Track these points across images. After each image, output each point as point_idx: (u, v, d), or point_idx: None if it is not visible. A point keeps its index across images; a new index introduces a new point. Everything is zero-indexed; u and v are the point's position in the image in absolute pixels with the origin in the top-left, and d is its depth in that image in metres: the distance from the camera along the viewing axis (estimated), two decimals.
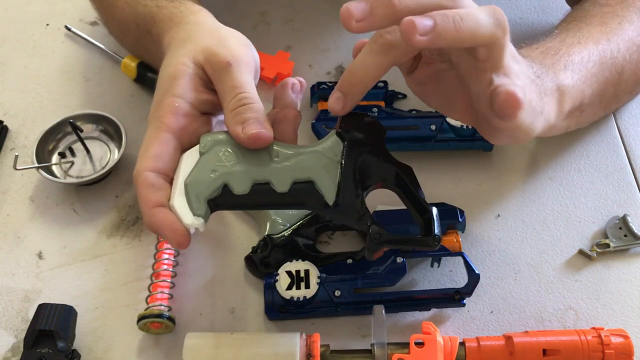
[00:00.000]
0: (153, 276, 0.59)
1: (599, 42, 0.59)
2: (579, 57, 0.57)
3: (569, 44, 0.58)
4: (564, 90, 0.54)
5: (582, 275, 0.60)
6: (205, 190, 0.48)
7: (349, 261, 0.59)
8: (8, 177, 0.67)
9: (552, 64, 0.55)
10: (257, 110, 0.50)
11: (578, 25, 0.61)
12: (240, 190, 0.49)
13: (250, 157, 0.49)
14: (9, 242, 0.63)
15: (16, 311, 0.59)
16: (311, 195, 0.49)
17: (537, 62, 0.54)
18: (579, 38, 0.59)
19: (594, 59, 0.58)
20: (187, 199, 0.48)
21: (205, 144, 0.50)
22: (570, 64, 0.56)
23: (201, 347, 0.53)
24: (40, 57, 0.77)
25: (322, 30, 0.79)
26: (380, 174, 0.50)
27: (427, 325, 0.52)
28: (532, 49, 0.57)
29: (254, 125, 0.49)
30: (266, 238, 0.60)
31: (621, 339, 0.53)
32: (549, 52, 0.56)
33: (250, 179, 0.49)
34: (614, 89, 0.61)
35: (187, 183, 0.49)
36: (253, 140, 0.49)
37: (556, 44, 0.57)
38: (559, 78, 0.54)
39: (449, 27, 0.42)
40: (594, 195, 0.65)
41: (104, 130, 0.69)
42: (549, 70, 0.54)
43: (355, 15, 0.43)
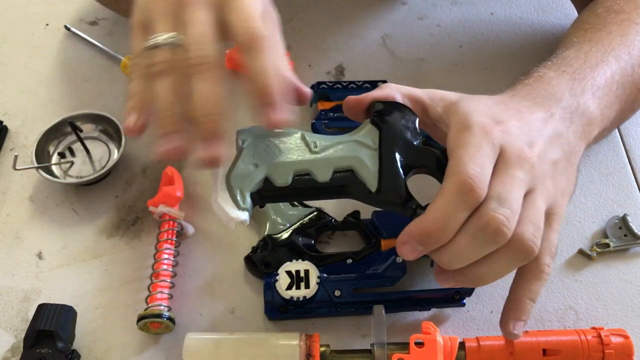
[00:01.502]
0: (153, 276, 0.59)
1: (620, 58, 0.59)
2: (604, 79, 0.57)
3: (594, 64, 0.57)
4: (593, 122, 0.55)
5: (582, 275, 0.60)
6: (248, 183, 0.48)
7: (349, 261, 0.59)
8: (8, 177, 0.67)
9: (581, 91, 0.55)
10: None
11: (598, 35, 0.60)
12: (282, 182, 0.49)
13: (290, 149, 0.50)
14: (8, 242, 0.63)
15: (16, 311, 0.59)
16: (353, 184, 0.49)
17: (568, 93, 0.54)
18: (602, 54, 0.58)
19: (617, 78, 0.58)
20: (231, 193, 0.48)
21: (244, 138, 0.50)
22: (597, 90, 0.56)
23: (201, 347, 0.53)
24: (40, 57, 0.77)
25: (322, 30, 0.79)
26: (420, 159, 0.50)
27: (427, 325, 0.52)
28: (561, 74, 0.56)
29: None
30: (266, 238, 0.60)
31: (621, 339, 0.53)
32: (577, 79, 0.56)
33: (291, 170, 0.49)
34: (632, 105, 0.61)
35: (230, 177, 0.49)
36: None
37: (581, 65, 0.57)
38: (589, 110, 0.54)
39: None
40: (594, 195, 0.65)
41: (103, 130, 0.69)
42: (579, 103, 0.54)
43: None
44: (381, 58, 0.76)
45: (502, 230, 0.45)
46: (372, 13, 0.81)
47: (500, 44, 0.77)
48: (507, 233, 0.45)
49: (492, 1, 0.82)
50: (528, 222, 0.47)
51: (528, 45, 0.77)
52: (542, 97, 0.54)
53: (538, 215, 0.48)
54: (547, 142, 0.51)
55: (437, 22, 0.80)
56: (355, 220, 0.62)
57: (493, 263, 0.47)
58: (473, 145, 0.47)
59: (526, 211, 0.47)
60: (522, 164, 0.48)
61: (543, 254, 0.49)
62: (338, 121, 0.67)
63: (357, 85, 0.70)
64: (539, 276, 0.49)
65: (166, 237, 0.61)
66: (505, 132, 0.49)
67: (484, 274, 0.48)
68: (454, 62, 0.76)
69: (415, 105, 0.53)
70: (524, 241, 0.46)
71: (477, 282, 0.49)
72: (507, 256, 0.47)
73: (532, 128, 0.51)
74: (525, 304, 0.50)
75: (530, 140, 0.50)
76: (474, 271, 0.48)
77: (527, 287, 0.49)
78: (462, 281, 0.49)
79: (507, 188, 0.47)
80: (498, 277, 0.48)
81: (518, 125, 0.50)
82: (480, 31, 0.79)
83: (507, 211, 0.45)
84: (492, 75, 0.75)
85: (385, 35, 0.79)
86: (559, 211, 0.50)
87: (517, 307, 0.50)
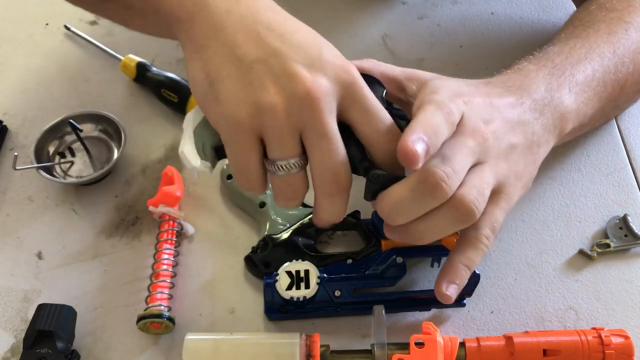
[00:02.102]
0: (153, 276, 0.59)
1: (604, 56, 0.59)
2: (583, 76, 0.57)
3: (576, 61, 0.58)
4: (567, 117, 0.56)
5: (583, 275, 0.60)
6: (211, 137, 0.50)
7: (349, 261, 0.59)
8: (7, 177, 0.67)
9: (557, 86, 0.56)
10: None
11: (586, 32, 0.61)
12: None
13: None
14: (8, 242, 0.63)
15: (15, 311, 0.59)
16: None
17: (543, 87, 0.55)
18: (586, 50, 0.59)
19: (598, 75, 0.58)
20: (196, 145, 0.50)
21: None
22: (575, 85, 0.56)
23: (201, 347, 0.53)
24: (40, 57, 0.77)
25: (322, 29, 0.79)
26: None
27: (427, 325, 0.52)
28: (540, 68, 0.57)
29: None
30: (266, 238, 0.60)
31: (621, 339, 0.53)
32: (555, 74, 0.56)
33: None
34: (615, 103, 0.62)
35: (196, 130, 0.50)
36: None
37: (562, 60, 0.58)
38: (564, 104, 0.55)
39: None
40: (594, 195, 0.65)
41: (103, 130, 0.69)
42: (553, 97, 0.55)
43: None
44: (381, 58, 0.75)
45: (440, 185, 0.46)
46: (372, 13, 0.81)
47: (501, 44, 0.77)
48: (445, 189, 0.46)
49: (492, 1, 0.82)
50: (471, 186, 0.48)
51: (528, 45, 0.77)
52: (517, 87, 0.55)
53: (483, 184, 0.49)
54: (507, 124, 0.52)
55: (437, 22, 0.80)
56: (355, 220, 0.62)
57: (433, 220, 0.48)
58: (438, 101, 0.49)
59: (471, 177, 0.48)
60: (475, 135, 0.49)
61: (483, 224, 0.50)
62: None
63: None
64: (476, 245, 0.50)
65: (166, 237, 0.61)
66: (468, 103, 0.51)
67: (424, 231, 0.48)
68: (454, 62, 0.76)
69: (393, 82, 0.54)
70: (464, 202, 0.47)
71: (417, 238, 0.49)
72: (447, 215, 0.47)
73: (495, 109, 0.52)
74: (460, 268, 0.50)
75: (489, 117, 0.51)
76: (415, 227, 0.48)
77: (463, 253, 0.50)
78: (405, 236, 0.50)
79: (454, 150, 0.48)
80: (438, 236, 0.49)
81: (481, 103, 0.52)
82: (480, 31, 0.79)
83: (448, 169, 0.46)
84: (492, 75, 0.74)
85: (385, 35, 0.78)
86: (509, 192, 0.51)
87: (452, 270, 0.51)
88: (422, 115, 0.47)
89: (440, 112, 0.48)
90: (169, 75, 0.71)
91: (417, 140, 0.45)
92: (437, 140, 0.47)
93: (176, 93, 0.69)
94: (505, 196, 0.51)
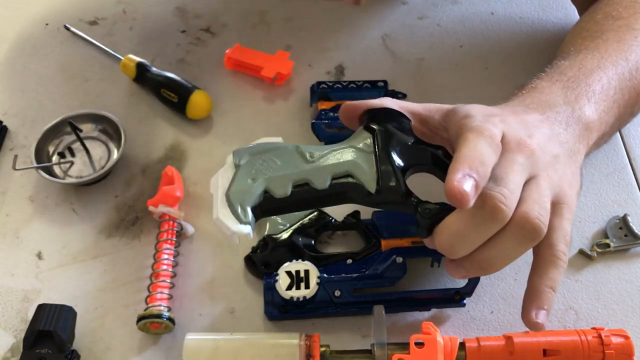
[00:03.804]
0: (152, 276, 0.59)
1: (617, 64, 0.59)
2: (600, 86, 0.57)
3: (589, 71, 0.57)
4: (591, 126, 0.55)
5: (583, 275, 0.60)
6: (247, 198, 0.49)
7: (349, 261, 0.59)
8: (7, 177, 0.67)
9: (575, 98, 0.55)
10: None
11: (595, 42, 0.61)
12: (281, 194, 0.49)
13: (286, 162, 0.50)
14: (8, 242, 0.63)
15: (15, 311, 0.59)
16: (352, 188, 0.50)
17: (561, 100, 0.54)
18: (598, 60, 0.58)
19: (614, 84, 0.58)
20: (232, 209, 0.48)
21: (240, 157, 0.51)
22: (592, 95, 0.56)
23: (201, 347, 0.53)
24: (40, 57, 0.77)
25: (322, 30, 0.79)
26: (416, 157, 0.50)
27: (427, 325, 0.52)
28: (554, 83, 0.56)
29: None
30: (266, 238, 0.60)
31: (621, 339, 0.53)
32: (570, 87, 0.56)
33: (290, 181, 0.49)
34: (631, 109, 0.61)
35: (229, 194, 0.49)
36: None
37: (575, 73, 0.57)
38: (585, 115, 0.55)
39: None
40: (594, 195, 0.65)
41: (103, 130, 0.69)
42: (574, 109, 0.54)
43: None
44: (381, 58, 0.76)
45: (499, 207, 0.45)
46: (372, 13, 0.81)
47: (501, 44, 0.77)
48: (504, 210, 0.45)
49: (492, 1, 0.82)
50: (532, 202, 0.47)
51: (528, 45, 0.77)
52: (536, 104, 0.54)
53: (542, 197, 0.48)
54: (545, 137, 0.51)
55: (437, 22, 0.80)
56: (355, 220, 0.62)
57: (500, 245, 0.47)
58: (477, 127, 0.48)
59: (529, 192, 0.47)
60: (522, 149, 0.48)
61: (557, 240, 0.48)
62: (338, 121, 0.67)
63: (357, 85, 0.70)
64: (555, 263, 0.49)
65: (166, 237, 0.60)
66: (503, 121, 0.50)
67: (492, 258, 0.47)
68: (454, 62, 0.76)
69: (413, 117, 0.54)
70: (529, 219, 0.46)
71: (487, 267, 0.48)
72: (513, 236, 0.46)
73: (529, 124, 0.52)
74: (545, 292, 0.49)
75: (528, 132, 0.50)
76: (481, 255, 0.47)
77: (544, 274, 0.49)
78: (471, 268, 0.48)
79: (505, 169, 0.47)
80: (508, 261, 0.48)
81: (515, 120, 0.51)
82: (480, 31, 0.79)
83: (503, 189, 0.46)
84: (492, 75, 0.74)
85: (385, 35, 0.78)
86: (568, 201, 0.50)
87: (537, 296, 0.49)
88: (465, 147, 0.46)
89: (482, 137, 0.47)
90: (169, 75, 0.71)
91: (463, 178, 0.44)
92: (485, 170, 0.45)
93: (176, 93, 0.70)
94: (566, 206, 0.50)
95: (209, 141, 0.70)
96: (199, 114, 0.70)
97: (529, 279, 0.50)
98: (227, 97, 0.73)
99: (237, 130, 0.70)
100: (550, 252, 0.49)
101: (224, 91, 0.73)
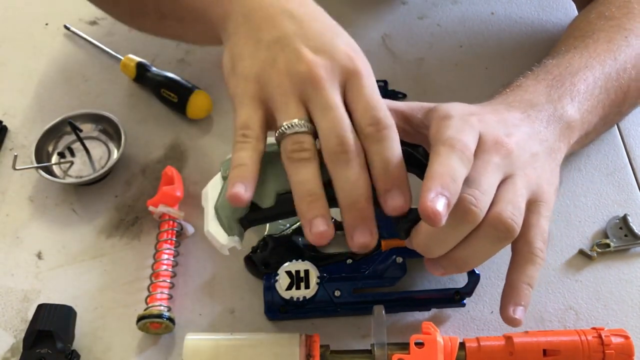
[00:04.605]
0: (152, 276, 0.59)
1: (605, 63, 0.59)
2: (585, 85, 0.57)
3: (575, 70, 0.57)
4: (572, 125, 0.55)
5: (583, 275, 0.60)
6: (233, 210, 0.49)
7: (349, 261, 0.59)
8: (7, 177, 0.67)
9: (558, 97, 0.55)
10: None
11: (585, 42, 0.61)
12: (267, 204, 0.49)
13: (269, 171, 0.50)
14: (8, 242, 0.63)
15: (15, 311, 0.59)
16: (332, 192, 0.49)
17: (544, 99, 0.55)
18: (585, 60, 0.58)
19: (600, 83, 0.58)
20: (220, 222, 0.49)
21: (226, 168, 0.51)
22: (577, 94, 0.56)
23: (201, 347, 0.53)
24: (40, 57, 0.77)
25: None
26: None
27: (427, 325, 0.52)
28: (539, 81, 0.57)
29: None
30: (266, 238, 0.60)
31: (621, 339, 0.53)
32: (554, 86, 0.56)
33: (273, 191, 0.49)
34: (618, 109, 0.61)
35: (217, 207, 0.50)
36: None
37: (561, 71, 0.57)
38: (567, 114, 0.55)
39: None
40: (594, 195, 0.65)
41: (103, 130, 0.69)
42: (556, 107, 0.55)
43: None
44: (381, 58, 0.76)
45: (469, 209, 0.45)
46: (372, 13, 0.81)
47: (501, 44, 0.77)
48: (475, 212, 0.46)
49: (492, 1, 0.82)
50: (505, 202, 0.47)
51: (528, 45, 0.77)
52: (518, 102, 0.55)
53: (517, 197, 0.48)
54: (525, 135, 0.52)
55: (437, 22, 0.80)
56: None
57: (474, 244, 0.47)
58: (455, 128, 0.48)
59: (503, 193, 0.48)
60: (499, 149, 0.49)
61: (534, 238, 0.49)
62: None
63: None
64: (532, 260, 0.49)
65: (166, 237, 0.61)
66: (482, 121, 0.50)
67: (467, 256, 0.48)
68: (454, 62, 0.76)
69: (397, 115, 0.54)
70: (501, 219, 0.46)
71: (462, 265, 0.49)
72: (487, 236, 0.47)
73: (508, 122, 0.52)
74: (522, 288, 0.49)
75: (507, 131, 0.51)
76: (456, 254, 0.48)
77: (521, 271, 0.50)
78: (449, 266, 0.49)
79: (479, 170, 0.47)
80: (483, 259, 0.49)
81: (495, 119, 0.52)
82: (480, 31, 0.79)
83: (475, 191, 0.46)
84: (492, 75, 0.74)
85: (385, 35, 0.78)
86: (546, 198, 0.51)
87: (514, 292, 0.50)
88: (437, 163, 0.46)
89: (454, 152, 0.47)
90: (169, 75, 0.71)
91: (436, 197, 0.44)
92: (456, 186, 0.45)
93: (176, 93, 0.70)
94: (543, 203, 0.50)
95: (209, 141, 0.70)
96: (199, 114, 0.70)
97: (507, 276, 0.51)
98: (227, 97, 0.72)
99: None
100: (528, 249, 0.49)
101: (224, 91, 0.72)
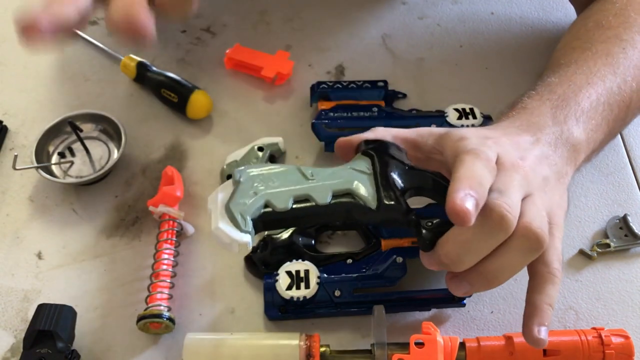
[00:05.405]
0: (153, 276, 0.59)
1: (605, 78, 0.59)
2: (588, 103, 0.57)
3: (578, 88, 0.58)
4: (578, 147, 0.56)
5: (583, 275, 0.60)
6: (248, 209, 0.49)
7: (349, 261, 0.59)
8: (7, 177, 0.67)
9: (564, 118, 0.56)
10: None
11: (584, 54, 0.61)
12: (282, 207, 0.49)
13: (287, 179, 0.50)
14: (8, 242, 0.63)
15: (15, 311, 0.59)
16: (353, 204, 0.50)
17: (550, 121, 0.55)
18: (587, 76, 0.59)
19: (603, 99, 0.58)
20: (232, 218, 0.48)
21: (241, 174, 0.51)
22: (582, 114, 0.56)
23: (201, 347, 0.53)
24: (40, 57, 0.77)
25: (322, 29, 0.79)
26: (416, 180, 0.51)
27: (427, 325, 0.52)
28: (544, 102, 0.57)
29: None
30: (266, 238, 0.60)
31: (622, 339, 0.53)
32: (559, 106, 0.56)
33: (290, 196, 0.49)
34: (622, 122, 0.62)
35: (230, 205, 0.49)
36: None
37: (565, 90, 0.58)
38: (573, 136, 0.55)
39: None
40: (594, 195, 0.65)
41: (103, 130, 0.69)
42: (562, 130, 0.55)
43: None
44: (381, 58, 0.76)
45: (506, 216, 0.46)
46: (372, 13, 0.81)
47: (501, 44, 0.77)
48: (510, 218, 0.46)
49: (492, 1, 0.82)
50: (533, 215, 0.48)
51: (528, 45, 0.77)
52: (526, 125, 0.55)
53: (540, 212, 0.49)
54: (536, 159, 0.52)
55: (437, 22, 0.80)
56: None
57: (504, 255, 0.47)
58: (476, 144, 0.49)
59: (528, 207, 0.48)
60: (517, 169, 0.50)
61: (551, 258, 0.50)
62: (338, 121, 0.67)
63: (357, 85, 0.70)
64: (552, 280, 0.50)
65: (166, 237, 0.60)
66: (497, 143, 0.51)
67: (497, 269, 0.48)
68: (454, 62, 0.76)
69: (406, 143, 0.55)
70: (532, 229, 0.47)
71: (492, 279, 0.49)
72: (518, 247, 0.47)
73: (521, 146, 0.53)
74: (545, 309, 0.50)
75: (520, 154, 0.52)
76: (486, 267, 0.48)
77: (542, 291, 0.50)
78: (476, 281, 0.49)
79: (506, 184, 0.48)
80: (513, 272, 0.49)
81: (508, 142, 0.52)
82: (480, 31, 0.79)
83: (508, 200, 0.47)
84: (492, 75, 0.75)
85: (385, 35, 0.79)
86: (557, 221, 0.51)
87: (537, 313, 0.50)
88: (463, 168, 0.47)
89: (479, 159, 0.48)
90: (169, 75, 0.71)
91: (465, 197, 0.45)
92: (483, 190, 0.46)
93: (176, 93, 0.70)
94: (556, 226, 0.51)
95: (209, 141, 0.70)
96: (199, 114, 0.70)
97: (528, 297, 0.51)
98: (227, 97, 0.73)
99: (237, 130, 0.70)
100: (547, 270, 0.50)
101: (224, 91, 0.73)
